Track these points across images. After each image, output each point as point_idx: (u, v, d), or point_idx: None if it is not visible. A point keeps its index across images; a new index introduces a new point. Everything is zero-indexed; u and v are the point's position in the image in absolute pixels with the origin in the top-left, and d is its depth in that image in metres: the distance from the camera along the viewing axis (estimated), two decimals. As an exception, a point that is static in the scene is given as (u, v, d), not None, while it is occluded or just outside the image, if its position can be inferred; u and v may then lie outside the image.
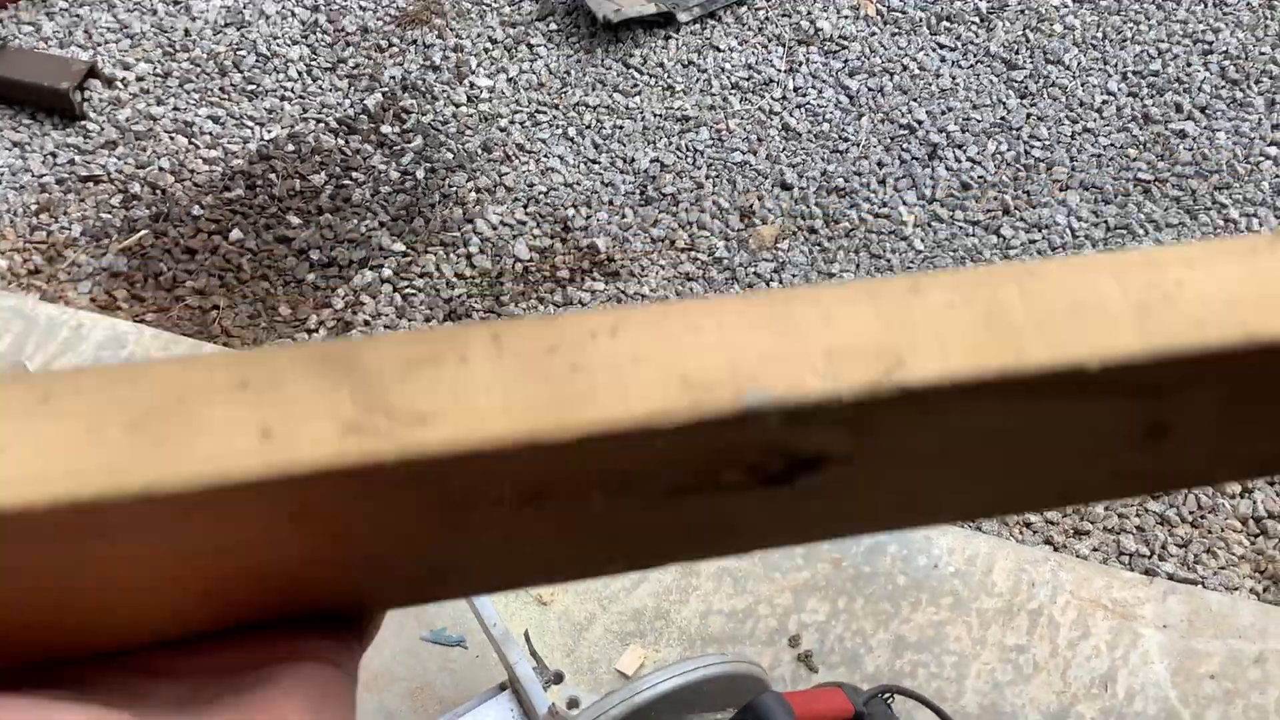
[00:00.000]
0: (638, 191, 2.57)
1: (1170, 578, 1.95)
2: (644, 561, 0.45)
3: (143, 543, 0.37)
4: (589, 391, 0.39)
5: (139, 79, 2.77)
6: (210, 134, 2.67)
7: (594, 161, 2.63)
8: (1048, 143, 2.63)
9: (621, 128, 2.68)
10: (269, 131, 2.67)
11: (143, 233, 2.47)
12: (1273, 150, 2.60)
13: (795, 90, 2.75)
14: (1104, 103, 2.70)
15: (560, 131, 2.68)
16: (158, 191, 2.55)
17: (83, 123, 2.67)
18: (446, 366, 0.39)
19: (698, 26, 2.88)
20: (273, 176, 2.58)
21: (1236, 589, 1.95)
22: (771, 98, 2.74)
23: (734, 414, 0.39)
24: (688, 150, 2.64)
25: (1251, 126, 2.65)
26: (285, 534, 0.39)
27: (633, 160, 2.62)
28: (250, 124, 2.69)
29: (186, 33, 2.87)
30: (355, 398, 0.38)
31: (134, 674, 0.37)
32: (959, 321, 0.41)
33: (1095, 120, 2.67)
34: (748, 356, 0.40)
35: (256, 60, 2.82)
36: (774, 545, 0.48)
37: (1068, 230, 2.47)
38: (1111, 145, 2.62)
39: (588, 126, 2.69)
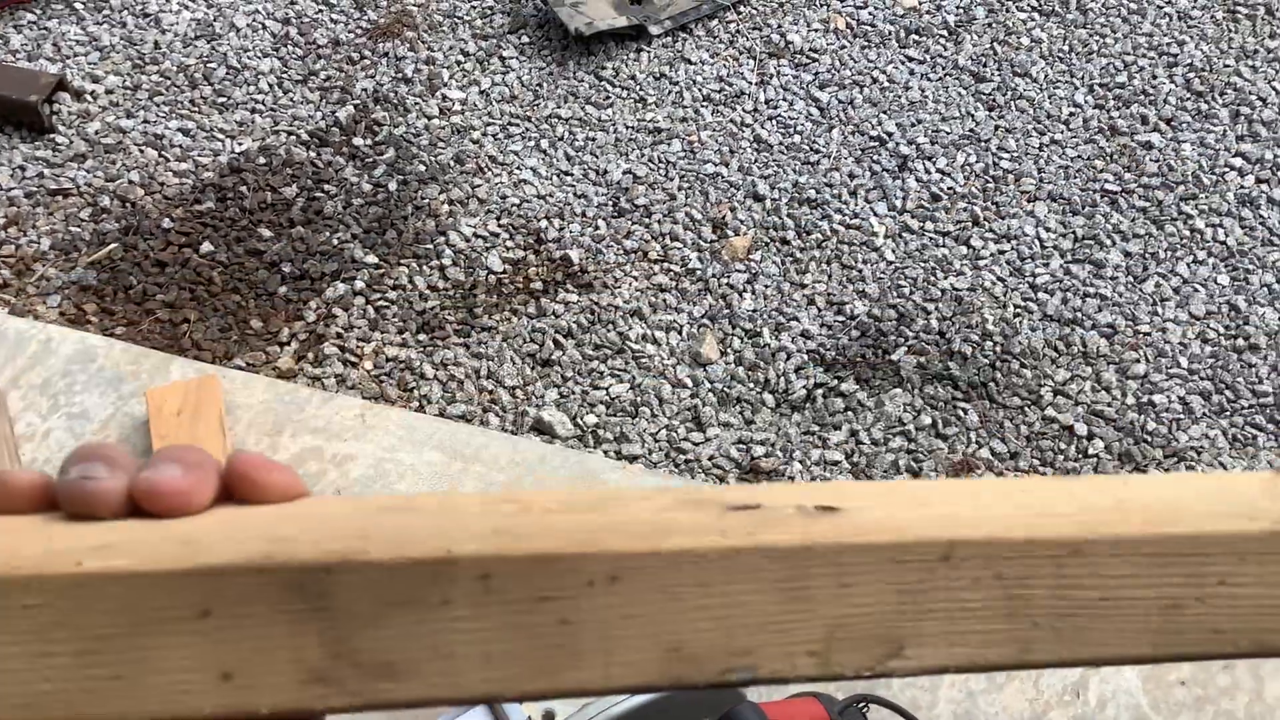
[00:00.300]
0: (610, 203, 2.57)
1: (1140, 585, 1.96)
2: None
3: None
4: (573, 653, 0.38)
5: (108, 92, 2.76)
6: (180, 147, 2.66)
7: (567, 173, 2.63)
8: (1016, 154, 2.66)
9: (594, 140, 2.69)
10: (240, 144, 2.66)
11: (112, 246, 2.46)
12: (1237, 161, 2.64)
13: (766, 102, 2.77)
14: (1071, 115, 2.73)
15: (533, 143, 2.68)
16: (127, 204, 2.54)
17: (51, 136, 2.66)
18: (427, 610, 0.37)
19: (669, 39, 2.89)
20: (244, 189, 2.57)
21: (1205, 595, 1.97)
22: (743, 110, 2.76)
23: (711, 684, 0.39)
24: (660, 162, 2.65)
25: (1216, 138, 2.69)
26: None
27: (605, 172, 2.63)
28: (221, 136, 2.68)
29: (156, 45, 2.86)
30: (322, 640, 0.37)
31: None
32: (978, 608, 0.42)
33: (1062, 132, 2.70)
34: (749, 624, 0.39)
35: (227, 73, 2.81)
36: None
37: (1036, 241, 2.49)
38: (1079, 157, 2.65)
39: (560, 138, 2.70)
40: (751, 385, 2.27)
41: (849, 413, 2.22)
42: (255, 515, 0.40)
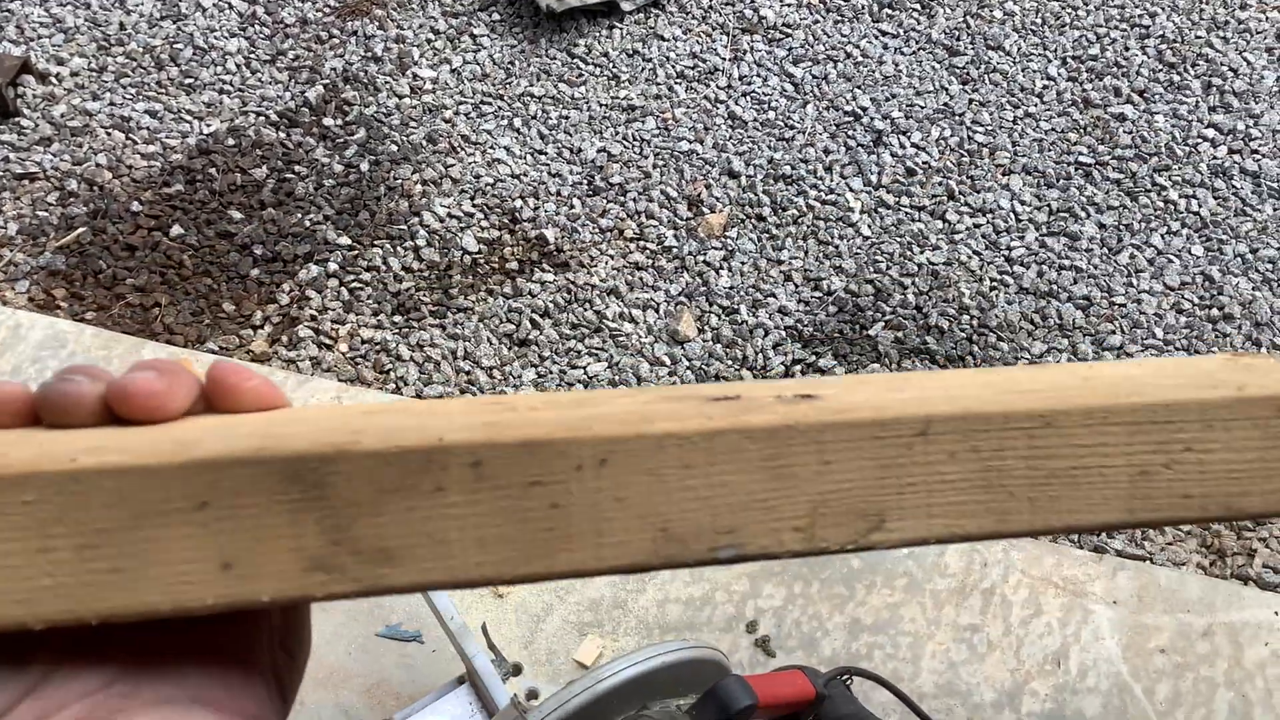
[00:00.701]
0: (585, 182, 2.56)
1: (1119, 554, 1.98)
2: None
3: None
4: (564, 536, 0.39)
5: (74, 74, 2.72)
6: (148, 129, 2.62)
7: (541, 152, 2.61)
8: (990, 128, 2.65)
9: (567, 118, 2.67)
10: (208, 125, 2.63)
11: (80, 230, 2.42)
12: (1210, 132, 2.64)
13: (740, 79, 2.76)
14: (1044, 87, 2.73)
15: (506, 122, 2.66)
16: (95, 188, 2.50)
17: (17, 119, 2.61)
18: (420, 497, 0.37)
19: (641, 16, 2.87)
20: (213, 171, 2.54)
21: (1184, 564, 1.99)
22: (717, 86, 2.74)
23: (700, 561, 0.40)
24: (634, 140, 2.64)
25: (1189, 109, 2.69)
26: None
27: (580, 150, 2.61)
28: (189, 118, 2.65)
29: (121, 26, 2.81)
30: (321, 528, 0.37)
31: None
32: (955, 479, 0.43)
33: (1036, 105, 2.70)
34: (732, 503, 0.40)
35: (194, 54, 2.77)
36: None
37: (1011, 214, 2.49)
38: (1053, 129, 2.65)
39: (533, 117, 2.68)
40: (729, 362, 2.26)
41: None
42: (244, 419, 0.40)
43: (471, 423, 0.39)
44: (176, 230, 2.43)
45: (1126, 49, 2.81)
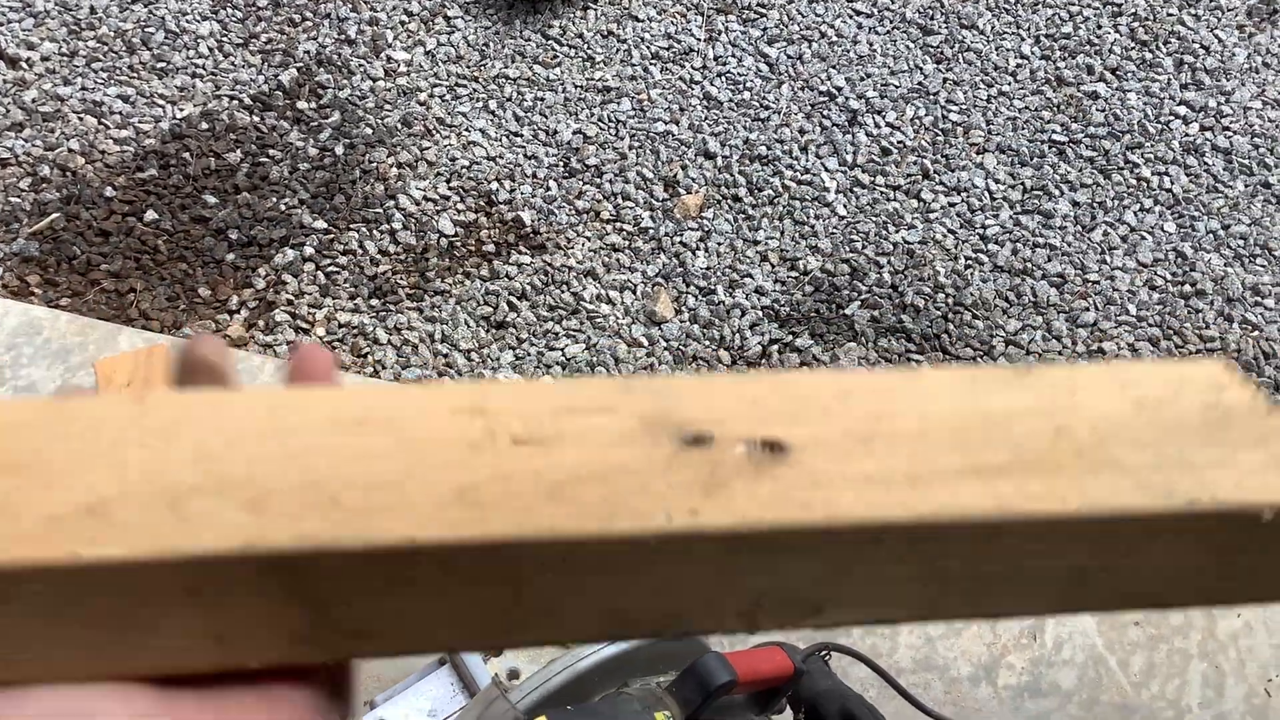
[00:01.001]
0: (561, 164, 2.56)
1: (1093, 529, 2.00)
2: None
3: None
4: (524, 619, 0.43)
5: (44, 59, 2.69)
6: (120, 113, 2.60)
7: (516, 134, 2.61)
8: (964, 107, 2.67)
9: (543, 100, 2.67)
10: (181, 110, 2.61)
11: (54, 216, 2.41)
12: (1182, 110, 2.66)
13: (715, 59, 2.76)
14: (1018, 66, 2.75)
15: (481, 104, 2.66)
16: (68, 173, 2.48)
17: (-14, 104, 2.59)
18: (394, 587, 0.41)
19: (616, -4, 2.87)
20: (187, 155, 2.52)
21: (1156, 537, 2.01)
22: (692, 67, 2.74)
23: (646, 636, 0.45)
24: (610, 121, 2.64)
25: (1161, 87, 2.71)
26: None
27: (555, 132, 2.61)
28: (161, 102, 2.63)
29: (92, 10, 2.79)
30: (302, 613, 0.41)
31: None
32: (897, 577, 0.45)
33: (1010, 84, 2.71)
34: (682, 595, 0.44)
35: (166, 37, 2.75)
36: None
37: (986, 193, 2.51)
38: (1026, 108, 2.67)
39: (509, 99, 2.67)
40: (707, 343, 2.27)
41: (804, 368, 2.23)
42: (234, 458, 0.44)
43: (443, 497, 0.42)
44: (151, 215, 2.41)
45: (1099, 27, 2.83)
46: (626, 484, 0.43)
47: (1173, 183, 2.53)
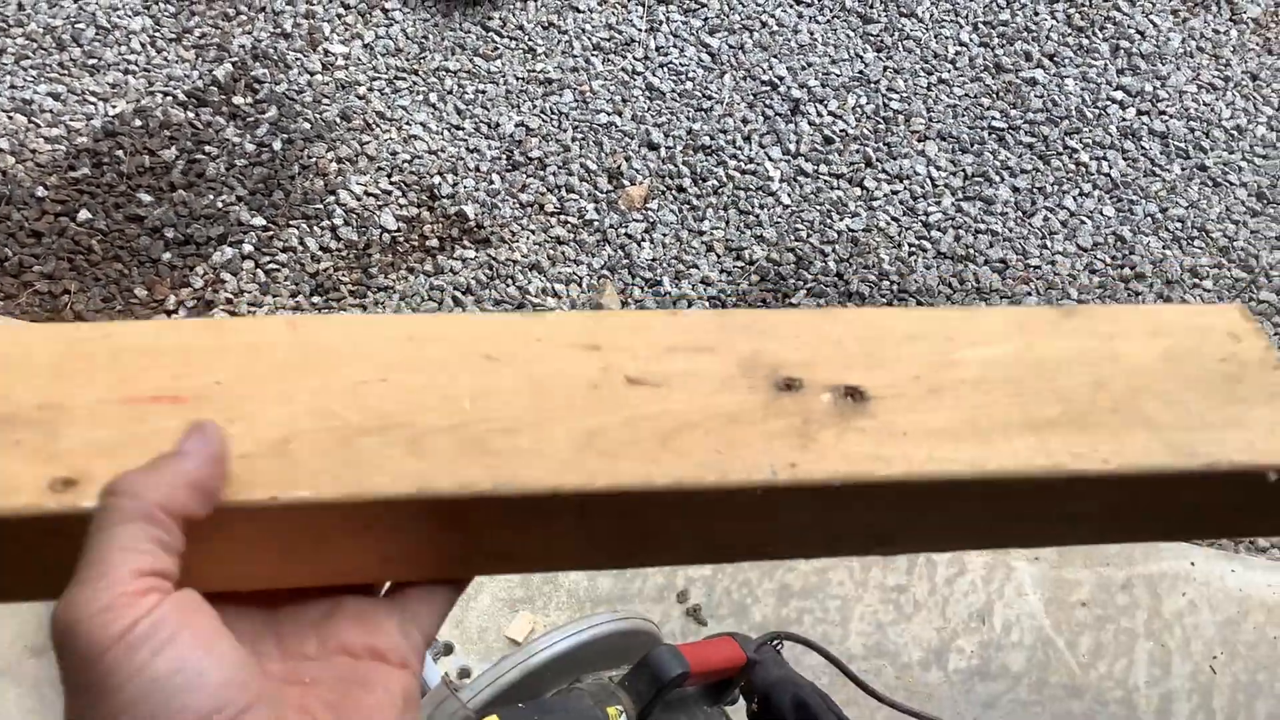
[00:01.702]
0: (504, 157, 2.53)
1: (1039, 511, 2.01)
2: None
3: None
4: (642, 546, 0.54)
5: (-31, 56, 2.63)
6: (51, 112, 2.54)
7: (458, 128, 2.58)
8: (905, 95, 2.68)
9: (484, 92, 2.64)
10: (114, 107, 2.56)
11: (-17, 217, 2.35)
12: (1119, 94, 2.69)
13: (657, 49, 2.75)
14: (957, 54, 2.76)
15: (421, 98, 2.63)
16: (-3, 173, 2.42)
17: (-91, 103, 2.52)
18: (536, 525, 0.49)
19: (556, -13, 2.85)
20: (120, 153, 2.47)
21: (1101, 518, 2.03)
22: (634, 58, 2.73)
23: (741, 559, 0.60)
24: (552, 113, 2.62)
25: (1098, 72, 2.74)
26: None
27: (497, 125, 2.59)
28: (93, 100, 2.57)
29: (20, 6, 2.72)
30: (461, 539, 0.50)
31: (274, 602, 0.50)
32: (951, 521, 0.56)
33: (949, 71, 2.73)
34: (780, 531, 0.54)
35: (96, 33, 2.69)
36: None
37: (928, 180, 2.52)
38: (966, 95, 2.68)
39: (449, 92, 2.64)
40: (654, 334, 2.26)
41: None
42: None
43: (579, 457, 0.48)
44: (84, 215, 2.36)
45: (1036, 14, 2.85)
46: (732, 435, 0.50)
47: (1111, 167, 2.56)
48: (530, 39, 2.75)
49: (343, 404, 0.49)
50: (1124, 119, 2.65)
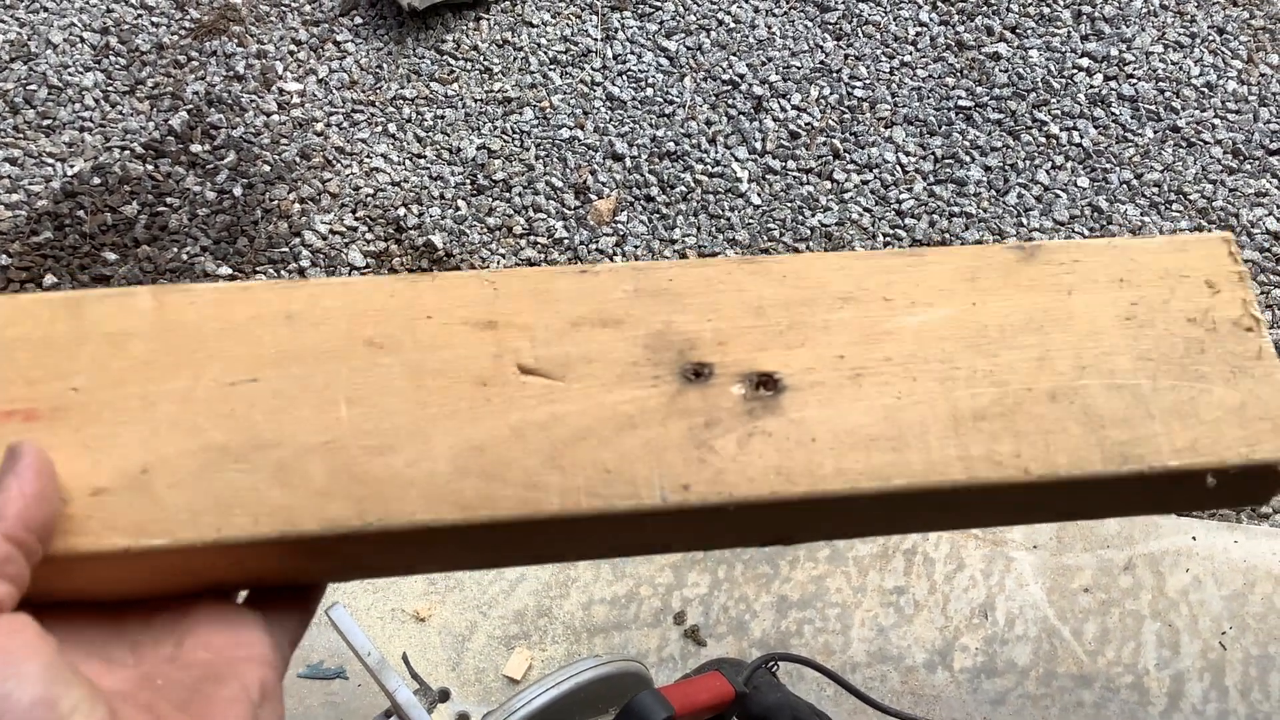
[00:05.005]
0: (468, 181, 2.50)
1: (1035, 497, 1.98)
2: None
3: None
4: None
5: (-78, 127, 2.60)
6: (9, 178, 2.52)
7: (419, 156, 2.55)
8: (868, 81, 2.64)
9: (443, 117, 2.61)
10: (71, 166, 2.53)
11: (-53, 291, 2.32)
12: (1084, 61, 2.65)
13: (615, 58, 2.71)
14: (917, 35, 2.72)
15: (380, 129, 2.60)
16: (-42, 245, 2.40)
17: None
18: (410, 550, 0.47)
19: (508, 3, 2.81)
20: (81, 214, 2.44)
21: (1099, 499, 2.00)
22: (591, 68, 2.70)
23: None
24: (514, 133, 2.59)
25: (1061, 40, 2.70)
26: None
27: (459, 150, 2.56)
28: (50, 161, 2.55)
29: (-32, 72, 2.70)
30: (329, 569, 0.48)
31: (120, 614, 0.48)
32: (855, 520, 0.53)
33: (911, 53, 2.69)
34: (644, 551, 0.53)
35: (49, 93, 2.67)
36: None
37: (898, 167, 2.48)
38: (930, 76, 2.65)
39: (408, 120, 2.61)
40: (632, 349, 2.23)
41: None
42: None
43: (458, 482, 0.46)
44: (49, 280, 2.34)
45: (995, -13, 2.81)
46: (626, 446, 0.46)
47: (1082, 136, 2.52)
48: (485, 59, 2.72)
49: (208, 416, 0.45)
50: (1092, 86, 2.61)
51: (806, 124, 2.57)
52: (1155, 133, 2.53)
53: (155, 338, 0.47)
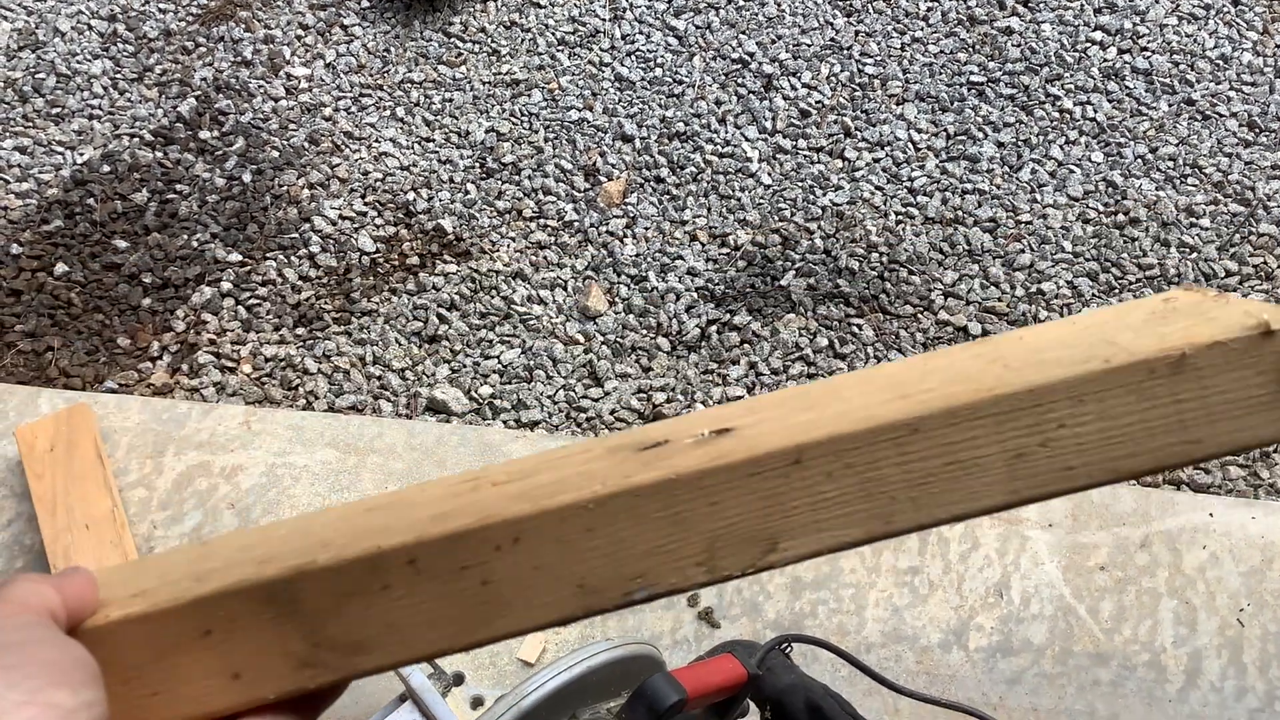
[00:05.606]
0: (477, 165, 2.49)
1: (1050, 475, 1.97)
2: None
3: None
4: (498, 606, 0.47)
5: (-68, 118, 2.60)
6: (19, 166, 2.52)
7: (428, 140, 2.54)
8: (879, 58, 2.62)
9: (451, 100, 2.60)
10: (81, 154, 2.53)
11: (-40, 281, 2.33)
12: (1098, 35, 2.63)
13: (623, 38, 2.70)
14: (929, 10, 2.70)
15: (388, 113, 2.59)
16: (-30, 235, 2.40)
17: (-123, 173, 2.50)
18: (372, 596, 0.46)
19: (515, -15, 2.80)
20: (91, 202, 2.44)
21: (1114, 476, 1.98)
22: (600, 49, 2.68)
23: (617, 605, 0.47)
24: (522, 115, 2.57)
25: (1075, 14, 2.67)
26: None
27: (468, 133, 2.55)
28: (60, 149, 2.55)
29: (-23, 61, 2.70)
30: (301, 633, 0.46)
31: None
32: (836, 495, 0.47)
33: (922, 29, 2.66)
34: (636, 553, 0.47)
35: (58, 81, 2.66)
36: None
37: (909, 145, 2.46)
38: (941, 52, 2.62)
39: (416, 104, 2.60)
40: (644, 331, 2.22)
41: (745, 345, 2.19)
42: (215, 549, 0.50)
43: (418, 519, 0.46)
44: (61, 268, 2.34)
45: (1006, -40, 2.78)
46: (579, 475, 0.47)
47: (1096, 111, 2.50)
48: (493, 41, 2.70)
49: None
50: (1105, 59, 2.59)
51: (817, 102, 2.55)
52: (1170, 106, 2.50)
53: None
